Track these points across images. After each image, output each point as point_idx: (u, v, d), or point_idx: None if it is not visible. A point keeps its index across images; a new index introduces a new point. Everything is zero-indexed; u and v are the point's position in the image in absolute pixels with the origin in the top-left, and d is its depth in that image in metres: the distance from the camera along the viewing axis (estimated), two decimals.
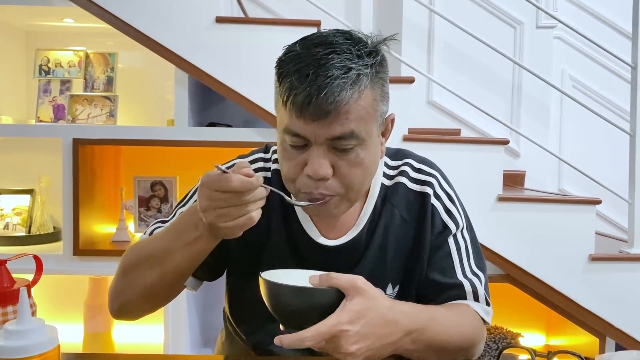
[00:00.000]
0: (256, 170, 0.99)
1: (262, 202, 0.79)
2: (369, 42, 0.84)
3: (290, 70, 0.80)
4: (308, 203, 0.86)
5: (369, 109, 0.83)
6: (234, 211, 0.76)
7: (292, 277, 0.79)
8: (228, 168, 0.86)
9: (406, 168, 0.99)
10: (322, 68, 0.78)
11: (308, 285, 0.76)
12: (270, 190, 0.81)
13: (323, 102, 0.78)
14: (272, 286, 0.75)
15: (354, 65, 0.80)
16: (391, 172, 1.00)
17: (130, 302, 0.94)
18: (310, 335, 0.71)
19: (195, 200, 0.86)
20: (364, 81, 0.81)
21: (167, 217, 1.02)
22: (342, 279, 0.75)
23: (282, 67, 0.82)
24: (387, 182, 0.99)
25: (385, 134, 0.92)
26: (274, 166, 0.99)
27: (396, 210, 0.97)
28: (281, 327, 0.77)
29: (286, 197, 0.86)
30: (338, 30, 0.85)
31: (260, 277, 0.76)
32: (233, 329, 1.06)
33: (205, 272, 0.97)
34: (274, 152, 1.01)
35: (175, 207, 1.03)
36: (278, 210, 0.96)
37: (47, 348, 0.64)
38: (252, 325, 1.00)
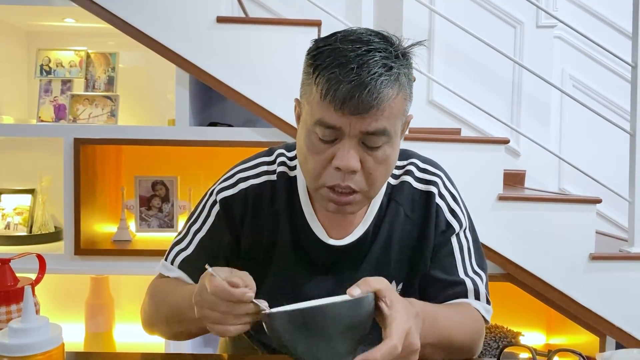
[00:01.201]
0: (260, 174, 0.99)
1: (248, 320, 0.74)
2: (400, 44, 0.86)
3: (330, 63, 0.80)
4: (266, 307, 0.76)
5: (400, 108, 0.85)
6: (214, 316, 0.74)
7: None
8: (229, 187, 0.93)
9: (411, 167, 1.01)
10: (366, 64, 0.79)
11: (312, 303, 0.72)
12: (259, 304, 0.74)
13: (367, 97, 0.79)
14: (325, 309, 0.67)
15: (394, 65, 0.82)
16: (397, 172, 1.01)
17: (161, 332, 0.99)
18: (398, 339, 0.68)
19: (211, 226, 0.97)
20: (402, 80, 0.84)
21: (181, 237, 1.02)
22: (378, 282, 0.73)
23: (318, 59, 0.82)
24: (393, 182, 1.00)
25: (402, 133, 0.93)
26: (279, 169, 0.99)
27: (401, 208, 0.98)
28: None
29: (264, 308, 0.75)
30: (370, 29, 0.86)
31: (298, 308, 0.68)
32: None
33: None
34: (279, 155, 1.01)
35: (188, 225, 1.02)
36: (285, 211, 0.97)
37: (51, 346, 0.64)
38: (260, 324, 1.00)
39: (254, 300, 0.72)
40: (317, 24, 2.00)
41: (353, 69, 0.79)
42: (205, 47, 1.97)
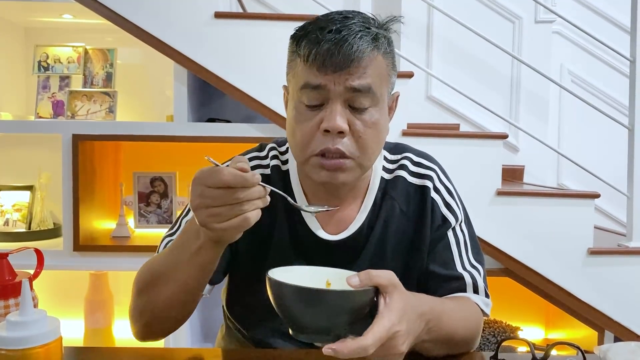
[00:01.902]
0: (253, 168, 0.98)
1: (260, 203, 0.73)
2: (377, 21, 0.90)
3: (311, 30, 0.85)
4: (318, 209, 0.84)
5: (383, 72, 0.87)
6: (227, 210, 0.71)
7: (295, 276, 0.73)
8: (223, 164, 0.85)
9: (405, 162, 1.00)
10: (345, 27, 0.83)
11: (310, 284, 0.70)
12: (272, 188, 0.77)
13: (347, 49, 0.82)
14: (309, 293, 0.67)
15: (371, 28, 0.86)
16: (390, 166, 1.01)
17: (151, 322, 0.90)
18: (372, 342, 0.66)
19: None
20: (381, 41, 0.86)
21: (173, 230, 0.99)
22: (382, 276, 0.71)
23: (301, 31, 0.87)
24: (387, 176, 1.00)
25: (390, 110, 0.94)
26: (272, 162, 0.99)
27: (396, 203, 0.98)
28: (293, 333, 0.71)
29: (290, 199, 0.83)
30: (346, 11, 0.90)
31: (296, 285, 0.68)
32: (233, 325, 1.07)
33: (219, 274, 0.96)
34: (271, 149, 1.01)
35: (180, 217, 1.00)
36: (280, 206, 0.96)
37: (49, 339, 0.64)
38: (255, 320, 1.00)
39: (260, 183, 0.72)
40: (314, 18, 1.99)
41: (332, 30, 0.83)
42: (203, 42, 1.97)
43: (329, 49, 0.82)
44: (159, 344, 2.02)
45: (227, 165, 0.73)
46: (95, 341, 2.18)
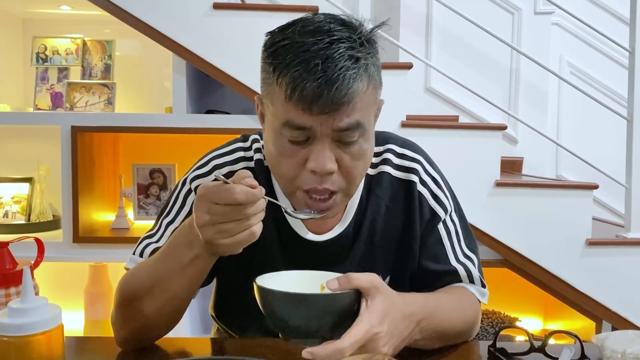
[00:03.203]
0: (238, 160, 0.96)
1: (263, 215, 0.73)
2: (363, 29, 0.80)
3: (291, 61, 0.75)
4: (310, 216, 0.83)
5: (371, 99, 0.81)
6: (235, 226, 0.70)
7: (283, 280, 0.75)
8: (205, 175, 0.88)
9: (389, 155, 0.96)
10: (330, 59, 0.74)
11: (295, 289, 0.72)
12: (270, 199, 0.76)
13: (336, 94, 0.74)
14: (292, 297, 0.69)
15: (360, 55, 0.77)
16: (374, 160, 0.96)
17: (134, 334, 0.85)
18: (349, 345, 0.66)
19: (187, 215, 0.83)
20: (371, 71, 0.79)
21: (153, 231, 0.96)
22: (362, 279, 0.71)
23: (277, 58, 0.77)
24: (371, 171, 0.96)
25: (375, 119, 0.89)
26: (256, 156, 0.95)
27: (382, 201, 0.95)
28: (282, 336, 0.73)
29: (286, 209, 0.82)
30: (328, 15, 0.81)
31: (275, 291, 0.70)
32: (223, 329, 1.05)
33: (209, 277, 0.92)
34: (254, 140, 0.97)
35: (160, 219, 0.96)
36: (266, 208, 0.94)
37: (50, 326, 0.65)
38: (244, 322, 0.98)
39: (264, 197, 0.72)
40: (313, 9, 1.99)
41: (318, 65, 0.73)
42: (201, 33, 1.97)
43: (315, 91, 0.74)
44: None
45: (232, 179, 0.71)
46: (96, 333, 2.19)
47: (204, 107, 2.34)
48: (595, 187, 2.01)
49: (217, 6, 1.96)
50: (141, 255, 0.93)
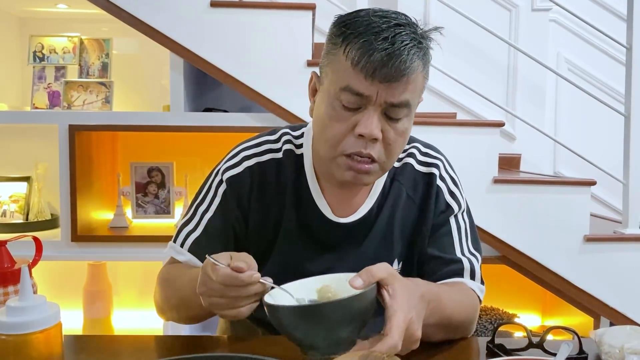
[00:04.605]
0: (264, 152, 0.99)
1: (254, 299, 0.75)
2: (420, 27, 0.88)
3: (363, 31, 0.82)
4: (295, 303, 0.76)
5: (421, 85, 0.88)
6: (224, 302, 0.75)
7: (287, 295, 0.75)
8: (234, 166, 0.93)
9: (414, 151, 1.03)
10: (398, 35, 0.81)
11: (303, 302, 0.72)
12: (274, 285, 0.76)
13: (400, 65, 0.81)
14: (322, 307, 0.67)
15: (422, 41, 0.85)
16: (400, 154, 1.02)
17: (175, 320, 1.00)
18: (399, 337, 0.68)
19: (218, 206, 0.97)
20: (427, 58, 0.87)
21: (189, 217, 1.01)
22: (381, 270, 0.73)
23: (350, 27, 0.84)
24: (396, 164, 1.02)
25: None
26: (285, 147, 1.00)
27: (403, 188, 1.01)
28: (308, 354, 0.70)
29: (276, 286, 0.76)
30: (389, 10, 0.88)
31: (303, 305, 0.70)
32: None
33: None
34: (283, 134, 1.02)
35: (194, 206, 1.01)
36: (291, 188, 0.98)
37: (49, 324, 0.65)
38: (262, 313, 1.00)
39: (260, 280, 0.74)
40: (311, 7, 1.99)
41: (387, 38, 0.81)
42: (199, 31, 1.96)
43: (381, 60, 0.80)
44: (158, 331, 2.03)
45: (233, 257, 0.75)
46: (95, 331, 2.19)
47: (202, 105, 2.34)
48: (593, 183, 2.01)
49: (214, 4, 1.96)
50: (182, 245, 0.99)
